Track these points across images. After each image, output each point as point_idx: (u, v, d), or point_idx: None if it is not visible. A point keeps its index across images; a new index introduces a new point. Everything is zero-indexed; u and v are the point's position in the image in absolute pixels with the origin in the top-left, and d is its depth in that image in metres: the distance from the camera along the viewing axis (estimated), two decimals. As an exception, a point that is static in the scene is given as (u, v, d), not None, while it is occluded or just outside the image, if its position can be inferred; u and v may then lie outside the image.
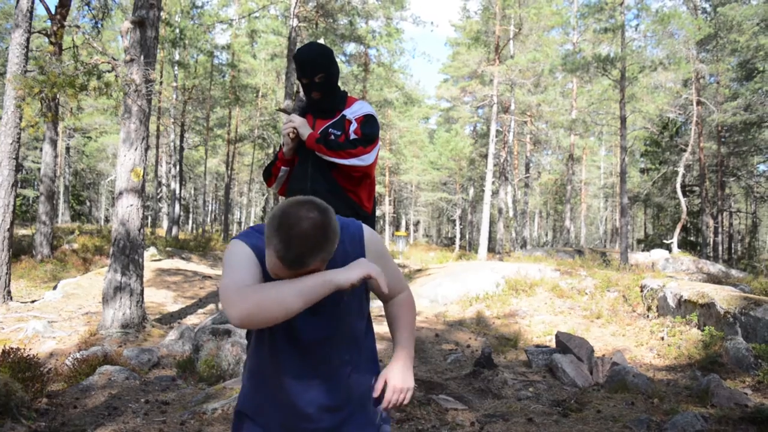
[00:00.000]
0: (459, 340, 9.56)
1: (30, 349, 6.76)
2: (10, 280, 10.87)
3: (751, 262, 26.97)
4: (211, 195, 51.07)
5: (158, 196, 34.24)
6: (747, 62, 26.41)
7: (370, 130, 3.23)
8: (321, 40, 24.33)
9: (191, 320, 10.47)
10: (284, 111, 3.37)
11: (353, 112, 3.29)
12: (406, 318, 1.95)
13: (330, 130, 3.22)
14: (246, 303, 1.52)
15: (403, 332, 1.94)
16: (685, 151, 25.46)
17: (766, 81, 24.42)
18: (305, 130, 3.17)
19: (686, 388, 6.16)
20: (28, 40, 10.89)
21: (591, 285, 11.53)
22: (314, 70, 3.14)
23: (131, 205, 8.87)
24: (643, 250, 28.42)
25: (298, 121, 3.21)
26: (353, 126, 3.24)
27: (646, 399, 5.62)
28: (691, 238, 31.35)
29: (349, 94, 3.38)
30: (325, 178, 3.16)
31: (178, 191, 27.40)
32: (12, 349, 5.57)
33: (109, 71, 9.32)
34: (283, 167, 3.34)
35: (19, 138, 10.72)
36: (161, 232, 30.24)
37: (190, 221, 49.95)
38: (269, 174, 3.38)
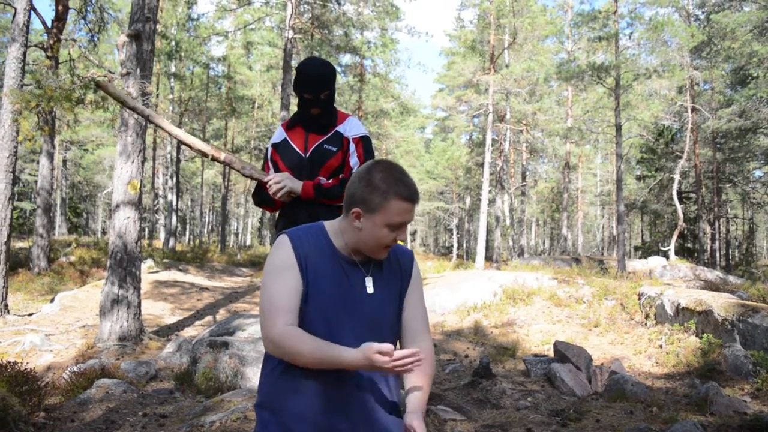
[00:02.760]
0: (457, 350, 9.55)
1: (27, 363, 6.73)
2: (7, 294, 10.85)
3: (749, 268, 26.99)
4: (208, 206, 50.99)
5: (155, 208, 34.20)
6: (741, 69, 26.52)
7: (371, 157, 3.24)
8: (316, 52, 24.42)
9: (189, 332, 10.44)
10: (255, 178, 3.25)
11: (347, 129, 3.28)
12: (426, 369, 1.90)
13: (325, 146, 3.21)
14: (283, 345, 1.72)
15: (423, 383, 1.89)
16: (680, 157, 25.53)
17: (760, 87, 24.50)
18: (296, 185, 3.12)
19: (685, 396, 6.16)
20: (24, 54, 10.91)
21: (589, 293, 11.53)
22: (321, 87, 3.14)
23: (128, 218, 8.87)
24: (640, 258, 28.45)
25: (279, 177, 3.12)
26: (352, 147, 3.25)
27: (645, 408, 5.61)
28: (689, 245, 31.39)
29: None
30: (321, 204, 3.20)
31: (175, 203, 27.38)
32: (9, 362, 5.55)
33: (105, 84, 9.33)
34: None
35: (16, 151, 10.72)
36: (158, 243, 30.19)
37: (188, 233, 49.87)
38: (270, 202, 3.28)
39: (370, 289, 1.82)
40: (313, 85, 3.13)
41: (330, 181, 3.19)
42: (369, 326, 1.80)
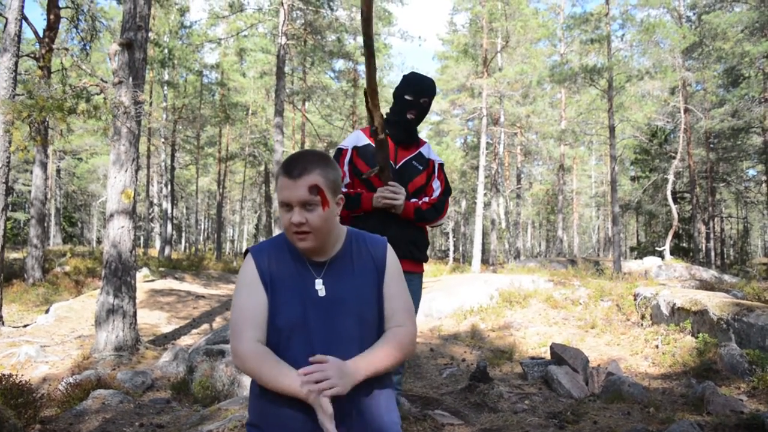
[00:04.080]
0: (454, 353, 9.54)
1: (22, 375, 6.71)
2: (1, 305, 10.80)
3: (744, 267, 27.09)
4: (204, 214, 50.96)
5: (150, 216, 34.16)
6: (733, 69, 26.66)
7: (449, 184, 3.50)
8: (309, 58, 24.47)
9: (185, 341, 10.42)
10: (380, 175, 3.14)
11: (429, 153, 3.46)
12: (389, 345, 1.79)
13: (413, 162, 3.35)
14: (245, 361, 1.72)
15: (376, 351, 1.76)
16: (674, 158, 25.60)
17: (752, 87, 24.64)
18: (402, 203, 3.18)
19: (682, 396, 6.17)
20: (16, 63, 10.88)
21: (585, 295, 11.54)
22: (424, 93, 3.28)
23: (122, 227, 8.85)
24: (635, 258, 28.49)
25: (400, 190, 3.17)
26: (436, 170, 3.44)
27: (642, 408, 5.61)
28: (684, 245, 31.46)
29: None
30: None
31: (170, 211, 27.34)
32: (4, 375, 5.52)
33: (97, 94, 9.34)
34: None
35: (8, 162, 10.69)
36: (154, 252, 30.14)
37: (183, 240, 49.79)
38: (355, 206, 3.25)
39: (321, 293, 1.76)
40: (418, 88, 3.27)
41: (422, 203, 3.30)
42: (338, 325, 1.75)
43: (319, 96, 27.92)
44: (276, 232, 18.34)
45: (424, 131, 53.57)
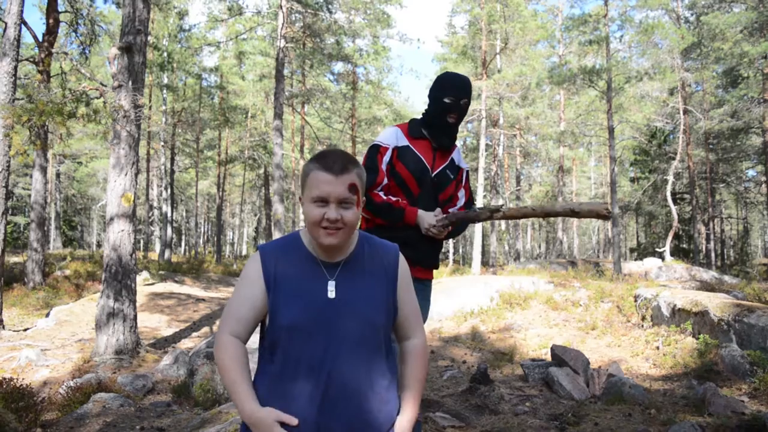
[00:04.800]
0: (455, 356, 9.54)
1: (23, 379, 6.71)
2: (1, 309, 10.80)
3: (744, 267, 27.06)
4: (203, 217, 50.95)
5: (150, 220, 34.15)
6: (732, 69, 26.69)
7: (472, 195, 3.48)
8: (309, 60, 24.47)
9: (186, 344, 10.41)
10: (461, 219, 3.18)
11: (459, 159, 3.39)
12: (417, 371, 1.92)
13: (447, 171, 3.27)
14: (218, 354, 1.78)
15: (412, 388, 1.90)
16: (673, 159, 25.62)
17: (751, 87, 24.66)
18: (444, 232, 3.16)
19: (683, 398, 6.16)
20: (15, 68, 10.89)
21: (585, 296, 11.54)
22: (463, 94, 3.17)
23: (122, 231, 8.85)
24: (636, 259, 28.50)
25: (446, 232, 3.17)
26: (463, 180, 3.40)
27: (643, 410, 5.61)
28: (684, 246, 31.47)
29: None
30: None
31: (169, 214, 27.33)
32: (5, 378, 5.52)
33: (97, 98, 9.34)
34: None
35: (8, 166, 10.69)
36: (154, 255, 30.13)
37: (183, 244, 49.78)
38: (398, 219, 3.15)
39: (331, 294, 1.78)
40: (458, 89, 3.16)
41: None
42: (347, 328, 1.76)
43: (318, 99, 27.90)
44: (276, 234, 18.32)
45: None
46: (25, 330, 11.11)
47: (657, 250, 25.88)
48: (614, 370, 7.07)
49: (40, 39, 14.37)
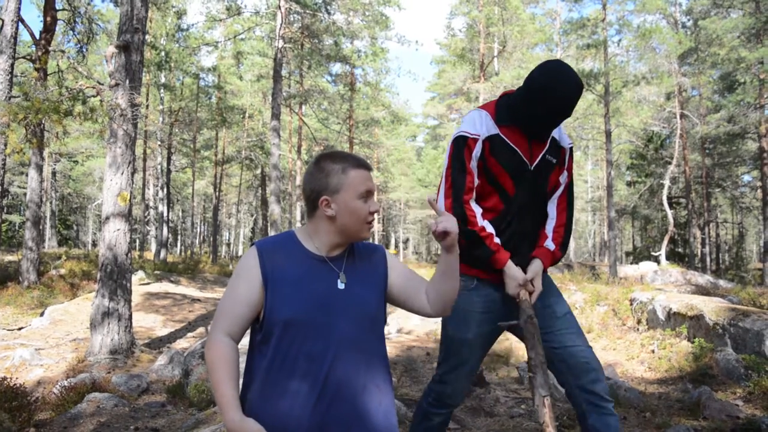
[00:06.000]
0: (450, 357, 9.51)
1: (17, 378, 6.67)
2: (-4, 308, 10.76)
3: (739, 272, 27.16)
4: (200, 217, 50.83)
5: (146, 219, 34.06)
6: (728, 75, 26.77)
7: (572, 178, 2.86)
8: (306, 61, 24.44)
9: (181, 344, 10.38)
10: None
11: (561, 136, 2.76)
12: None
13: (547, 157, 2.66)
14: (208, 352, 1.78)
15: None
16: (670, 163, 25.69)
17: (747, 93, 24.73)
18: (539, 273, 2.65)
19: (678, 401, 6.16)
20: (12, 65, 10.87)
21: (581, 299, 11.54)
22: (570, 112, 2.55)
23: (118, 230, 8.82)
24: (631, 263, 28.55)
25: (521, 276, 2.61)
26: (566, 160, 2.78)
27: (638, 413, 5.61)
28: (679, 250, 31.53)
29: None
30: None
31: (165, 214, 27.28)
32: (-2, 378, 5.50)
33: (94, 96, 9.31)
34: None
35: (4, 164, 10.67)
36: (149, 255, 30.05)
37: (179, 244, 49.69)
38: (489, 267, 2.66)
39: (341, 285, 1.82)
40: (568, 107, 2.53)
41: (555, 249, 2.74)
42: (353, 320, 1.80)
43: (316, 99, 27.90)
44: (272, 234, 18.28)
45: (420, 136, 53.63)
46: (20, 329, 11.06)
47: (653, 253, 25.94)
48: (610, 373, 7.07)
49: (38, 37, 14.34)
